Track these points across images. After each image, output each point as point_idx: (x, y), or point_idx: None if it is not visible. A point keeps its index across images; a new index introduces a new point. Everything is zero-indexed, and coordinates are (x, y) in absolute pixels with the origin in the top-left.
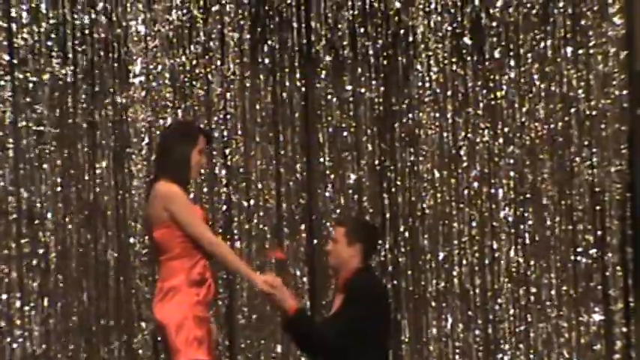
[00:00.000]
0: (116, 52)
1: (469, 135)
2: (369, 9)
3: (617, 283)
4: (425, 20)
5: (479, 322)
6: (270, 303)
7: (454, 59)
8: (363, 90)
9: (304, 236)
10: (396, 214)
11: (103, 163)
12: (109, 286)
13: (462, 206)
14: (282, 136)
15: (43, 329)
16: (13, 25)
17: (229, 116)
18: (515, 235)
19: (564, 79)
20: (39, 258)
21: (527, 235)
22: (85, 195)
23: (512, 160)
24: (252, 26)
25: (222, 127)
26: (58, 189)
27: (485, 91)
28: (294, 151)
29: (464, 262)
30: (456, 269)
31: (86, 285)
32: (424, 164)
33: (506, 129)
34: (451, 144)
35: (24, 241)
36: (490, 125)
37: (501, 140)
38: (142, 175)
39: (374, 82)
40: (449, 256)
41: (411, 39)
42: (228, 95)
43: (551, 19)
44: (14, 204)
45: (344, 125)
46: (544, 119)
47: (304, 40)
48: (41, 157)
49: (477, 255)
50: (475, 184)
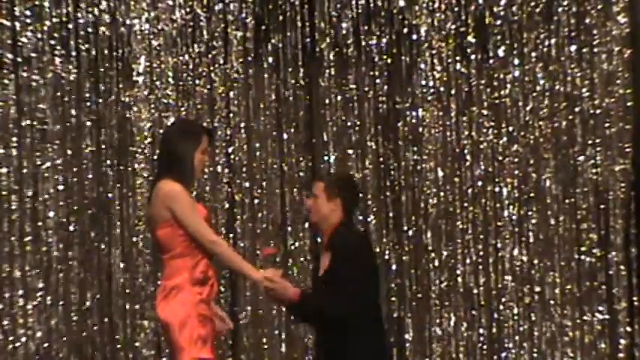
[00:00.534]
0: (120, 51)
1: (473, 134)
2: (372, 7)
3: (621, 282)
4: (429, 19)
5: (482, 321)
6: (273, 298)
7: (458, 58)
8: (366, 88)
9: (308, 235)
10: (400, 212)
11: (106, 161)
12: (112, 285)
13: (465, 205)
14: (285, 135)
15: (45, 328)
16: (16, 24)
17: (232, 115)
18: (519, 234)
19: (568, 77)
20: (42, 257)
21: (531, 234)
22: (89, 194)
23: (516, 159)
24: (255, 25)
25: (225, 125)
26: (60, 188)
27: (489, 90)
28: (297, 150)
29: (467, 260)
30: (460, 268)
31: (89, 284)
32: (428, 163)
33: (510, 128)
34: (455, 143)
35: (27, 240)
36: (494, 124)
37: (505, 139)
38: (145, 174)
39: (377, 80)
40: (452, 255)
41: (415, 37)
42: (231, 94)
43: (555, 17)
44: (17, 203)
45: (348, 124)
46: (548, 118)
47: (308, 39)
48: (44, 156)
49: (480, 254)
50: (479, 182)
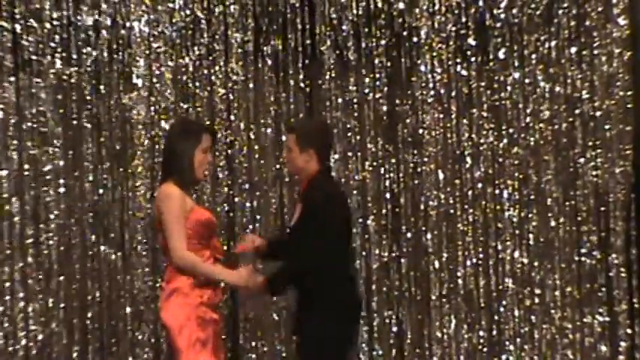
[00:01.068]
0: (120, 54)
1: (473, 136)
2: (373, 10)
3: (622, 284)
4: (429, 21)
5: (483, 323)
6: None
7: (458, 60)
8: (366, 91)
9: None
10: (400, 215)
11: (106, 163)
12: (111, 287)
13: (466, 207)
14: (285, 137)
15: (46, 330)
16: (17, 27)
17: (233, 117)
18: (520, 236)
19: (568, 79)
20: (42, 259)
21: (531, 236)
22: (89, 196)
23: (517, 161)
24: (255, 27)
25: (225, 128)
26: (61, 190)
27: (490, 92)
28: None
29: (468, 263)
30: (460, 270)
31: (90, 286)
32: (428, 165)
33: (511, 130)
34: (455, 145)
35: (28, 242)
36: (494, 126)
37: (505, 141)
38: (144, 176)
39: (378, 82)
40: (453, 257)
41: (415, 40)
42: (231, 96)
43: (556, 19)
44: (18, 205)
45: (348, 126)
46: (548, 120)
47: (308, 41)
48: (45, 158)
49: (481, 256)
50: (479, 184)
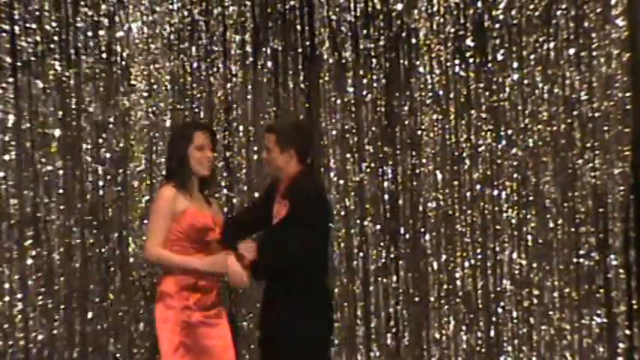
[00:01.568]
0: (118, 55)
1: (472, 137)
2: (371, 11)
3: (620, 285)
4: (427, 22)
5: (481, 324)
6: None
7: (457, 61)
8: (365, 92)
9: None
10: (398, 216)
11: (105, 165)
12: (109, 288)
13: (464, 208)
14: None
15: (46, 332)
16: (15, 28)
17: (231, 119)
18: (518, 238)
19: (567, 81)
20: (42, 260)
21: (529, 238)
22: (89, 197)
23: (515, 162)
24: (254, 28)
25: (224, 130)
26: (60, 191)
27: (488, 93)
28: None
29: (466, 264)
30: (459, 271)
31: (91, 287)
32: (426, 166)
33: (509, 131)
34: (454, 146)
35: (27, 244)
36: (493, 127)
37: (504, 142)
38: (143, 177)
39: (376, 84)
40: (451, 259)
41: (414, 41)
42: (229, 98)
43: (554, 21)
44: (17, 207)
45: (346, 127)
46: (547, 121)
47: (307, 43)
48: (44, 160)
49: (479, 257)
50: (478, 186)
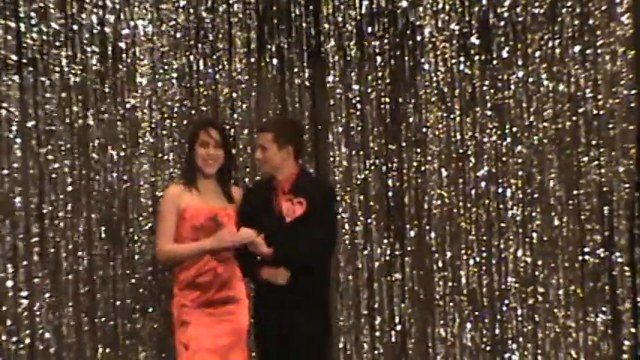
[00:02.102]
0: (123, 52)
1: (476, 134)
2: (376, 8)
3: (625, 283)
4: (432, 20)
5: (486, 321)
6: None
7: (462, 59)
8: (370, 89)
9: None
10: (403, 213)
11: (112, 162)
12: (117, 286)
13: (469, 206)
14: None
15: (52, 329)
16: (21, 25)
17: (236, 116)
18: (523, 235)
19: (572, 78)
20: (49, 258)
21: (534, 235)
22: (95, 195)
23: (520, 160)
24: (259, 26)
25: (230, 127)
26: (68, 188)
27: (493, 91)
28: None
29: (471, 261)
30: (464, 269)
31: (99, 285)
32: (431, 164)
33: (514, 128)
34: (458, 143)
35: (33, 241)
36: (498, 125)
37: (509, 140)
38: (147, 175)
39: (381, 81)
40: (456, 256)
41: (419, 38)
42: (235, 95)
43: (559, 18)
44: (22, 204)
45: (351, 125)
46: (552, 119)
47: (312, 40)
48: (50, 157)
49: (484, 255)
50: (482, 183)
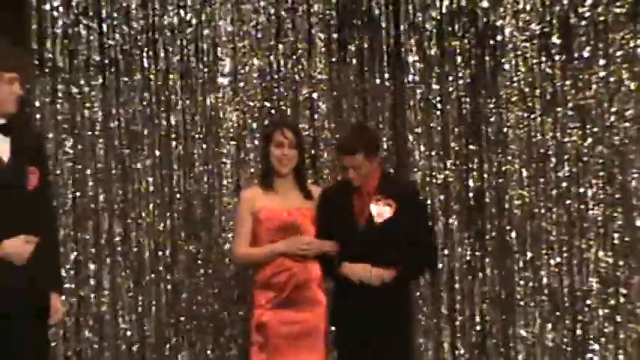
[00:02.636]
0: (205, 53)
1: (557, 134)
2: (456, 8)
3: None
4: (513, 20)
5: (567, 322)
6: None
7: (542, 58)
8: (450, 89)
9: None
10: (483, 214)
11: (195, 163)
12: (200, 287)
13: (550, 206)
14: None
15: (137, 329)
16: (104, 26)
17: (316, 116)
18: (604, 235)
19: None
20: (132, 257)
21: (616, 236)
22: (177, 194)
23: (601, 160)
24: (339, 26)
25: (309, 127)
26: (150, 188)
27: (574, 91)
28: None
29: (552, 262)
30: (544, 269)
31: (181, 285)
32: (512, 164)
33: (595, 129)
34: (539, 143)
35: (116, 240)
36: (579, 125)
37: (590, 140)
38: (230, 175)
39: (461, 81)
40: (537, 256)
41: (499, 38)
42: (315, 95)
43: None
44: (105, 204)
45: (431, 125)
46: (633, 119)
47: (392, 40)
48: (133, 157)
49: (565, 255)
50: (564, 183)
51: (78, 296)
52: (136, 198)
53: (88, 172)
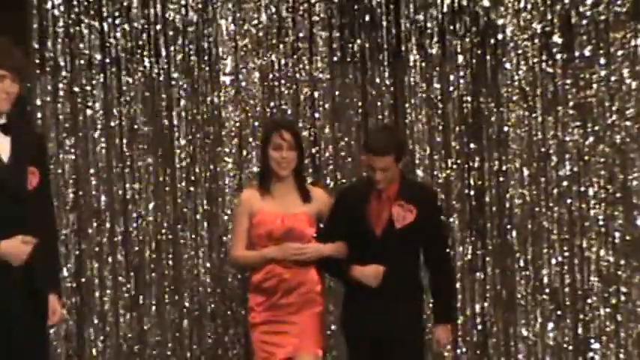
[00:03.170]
0: (207, 52)
1: (558, 133)
2: (457, 7)
3: None
4: (514, 19)
5: (568, 321)
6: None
7: (543, 57)
8: (451, 88)
9: None
10: (484, 212)
11: (196, 163)
12: (202, 285)
13: (551, 205)
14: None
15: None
16: (105, 25)
17: (317, 115)
18: (605, 235)
19: None
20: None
21: (617, 235)
22: (179, 193)
23: (602, 159)
24: (340, 25)
25: (310, 126)
26: (151, 188)
27: (575, 90)
28: None
29: (553, 261)
30: (545, 268)
31: (183, 284)
32: (513, 163)
33: (596, 127)
34: (540, 142)
35: (117, 240)
36: (580, 124)
37: (591, 139)
38: (232, 174)
39: (462, 80)
40: (538, 256)
41: (500, 37)
42: (316, 94)
43: None
44: (107, 203)
45: (432, 124)
46: (634, 118)
47: (393, 39)
48: (134, 156)
49: (566, 254)
50: (564, 182)
51: (79, 295)
52: (138, 197)
53: (89, 171)
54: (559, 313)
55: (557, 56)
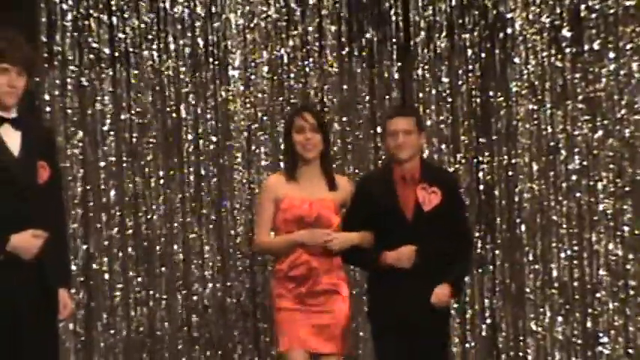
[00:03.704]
0: (215, 45)
1: (567, 127)
2: (466, 1)
3: None
4: (523, 12)
5: (577, 315)
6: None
7: (552, 51)
8: (460, 82)
9: None
10: (493, 207)
11: (204, 156)
12: (212, 281)
13: (560, 199)
14: (379, 129)
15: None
16: (113, 19)
17: (326, 109)
18: (614, 228)
19: None
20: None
21: (626, 228)
22: (188, 187)
23: (611, 153)
24: (349, 19)
25: None
26: (161, 181)
27: (584, 84)
28: None
29: (562, 255)
30: (554, 262)
31: (192, 279)
32: (522, 157)
33: (606, 121)
34: (549, 137)
35: (128, 234)
36: (589, 118)
37: (600, 133)
38: (241, 168)
39: (471, 74)
40: (547, 249)
41: (509, 31)
42: (325, 88)
43: None
44: (116, 197)
45: (441, 118)
46: None
47: (402, 33)
48: (143, 150)
49: (575, 248)
50: (574, 176)
51: (89, 290)
52: (147, 191)
53: (98, 165)
54: (568, 307)
55: (567, 50)
